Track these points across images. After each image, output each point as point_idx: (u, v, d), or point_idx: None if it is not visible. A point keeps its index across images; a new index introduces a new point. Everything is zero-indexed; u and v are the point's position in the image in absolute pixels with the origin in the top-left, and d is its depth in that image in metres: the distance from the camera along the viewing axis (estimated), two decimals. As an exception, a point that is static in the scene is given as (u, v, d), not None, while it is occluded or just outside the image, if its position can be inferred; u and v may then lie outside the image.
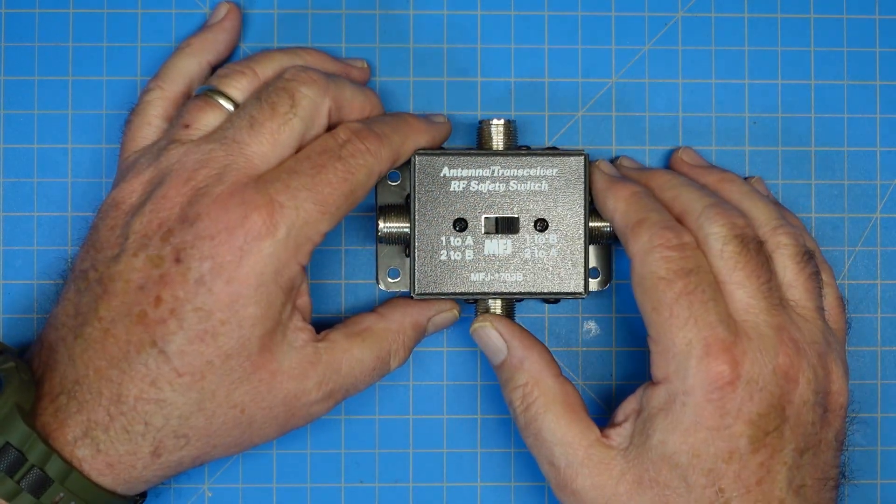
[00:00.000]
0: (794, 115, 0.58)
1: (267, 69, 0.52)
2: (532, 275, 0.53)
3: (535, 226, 0.53)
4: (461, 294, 0.53)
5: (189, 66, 0.54)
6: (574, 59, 0.58)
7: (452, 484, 0.57)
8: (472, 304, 0.56)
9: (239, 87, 0.51)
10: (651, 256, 0.49)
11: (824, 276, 0.53)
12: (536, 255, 0.53)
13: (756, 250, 0.49)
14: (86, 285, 0.49)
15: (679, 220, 0.51)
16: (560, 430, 0.50)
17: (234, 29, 0.56)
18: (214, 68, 0.55)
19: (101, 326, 0.48)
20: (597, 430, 0.50)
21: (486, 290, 0.53)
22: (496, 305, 0.54)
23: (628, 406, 0.51)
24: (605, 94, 0.58)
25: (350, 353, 0.51)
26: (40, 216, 0.57)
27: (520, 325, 0.53)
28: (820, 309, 0.51)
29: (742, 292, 0.49)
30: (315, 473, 0.57)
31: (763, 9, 0.58)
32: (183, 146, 0.50)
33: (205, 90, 0.51)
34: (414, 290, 0.53)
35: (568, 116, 0.58)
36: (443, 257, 0.53)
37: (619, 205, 0.51)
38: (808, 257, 0.51)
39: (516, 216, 0.53)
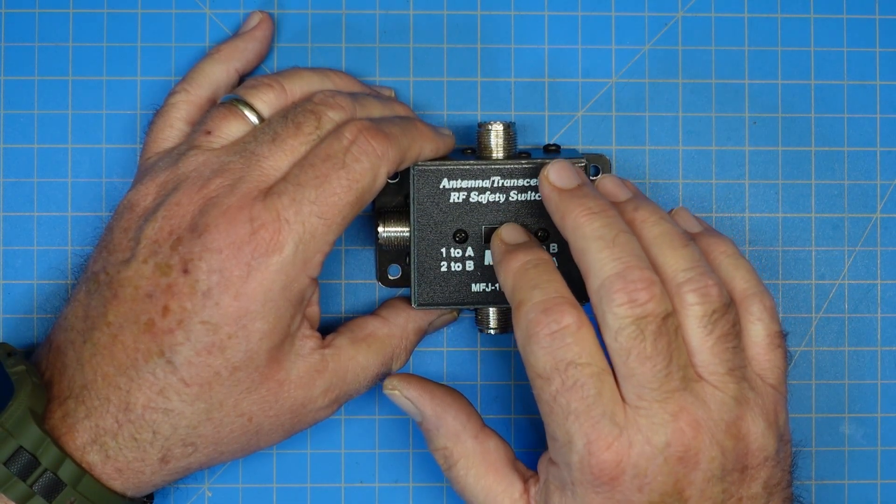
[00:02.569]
0: (794, 115, 0.58)
1: (295, 86, 0.52)
2: None
3: (535, 236, 0.52)
4: (462, 304, 0.53)
5: (217, 72, 0.54)
6: (574, 59, 0.58)
7: (452, 484, 0.57)
8: (471, 309, 0.56)
9: (265, 99, 0.51)
10: (528, 347, 0.46)
11: (755, 307, 0.49)
12: None
13: (656, 332, 0.45)
14: (96, 287, 0.49)
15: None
16: (482, 490, 0.50)
17: (265, 38, 0.56)
18: (242, 77, 0.55)
19: (110, 332, 0.48)
20: (520, 486, 0.50)
21: (486, 300, 0.53)
22: (495, 314, 0.54)
23: (545, 458, 0.49)
24: (605, 94, 0.58)
25: (355, 360, 0.51)
26: (40, 216, 0.57)
27: (432, 384, 0.52)
28: (734, 370, 0.47)
29: (635, 380, 0.45)
30: (315, 473, 0.57)
31: (763, 9, 0.58)
32: (202, 154, 0.50)
33: (231, 99, 0.51)
34: (415, 301, 0.53)
35: (568, 116, 0.58)
36: (443, 268, 0.53)
37: (508, 280, 0.48)
38: (720, 314, 0.47)
39: None
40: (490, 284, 0.53)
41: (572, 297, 0.47)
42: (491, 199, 0.52)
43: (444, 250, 0.53)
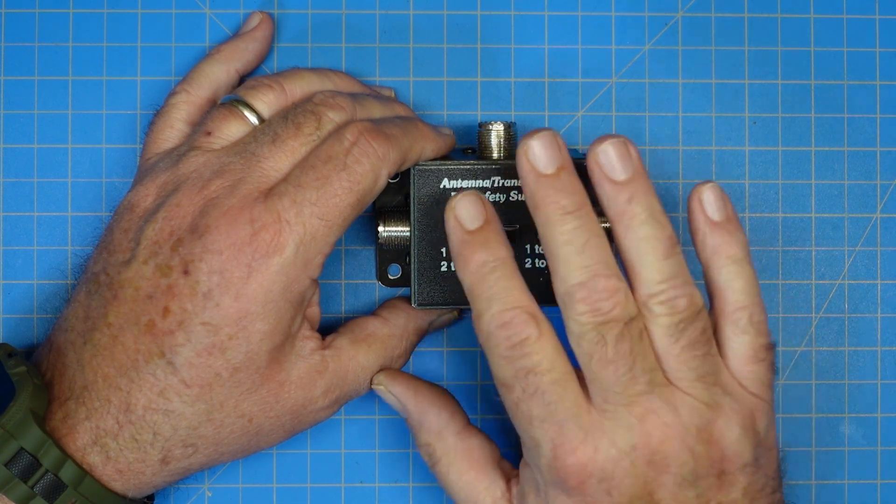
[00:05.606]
0: (794, 116, 0.58)
1: (295, 87, 0.52)
2: (533, 285, 0.53)
3: (536, 236, 0.52)
4: (462, 304, 0.53)
5: (217, 73, 0.54)
6: (574, 59, 0.58)
7: (452, 484, 0.57)
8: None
9: (266, 100, 0.51)
10: (489, 358, 0.46)
11: (742, 321, 0.48)
12: (537, 266, 0.53)
13: (617, 337, 0.45)
14: (96, 288, 0.49)
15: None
16: (465, 487, 0.51)
17: (266, 39, 0.56)
18: (242, 77, 0.55)
19: (110, 333, 0.48)
20: (503, 484, 0.50)
21: None
22: None
23: (523, 459, 0.49)
24: (605, 94, 0.58)
25: (356, 361, 0.52)
26: (40, 216, 0.57)
27: (418, 381, 0.52)
28: (704, 376, 0.46)
29: (599, 384, 0.46)
30: (315, 473, 0.57)
31: (763, 9, 0.58)
32: (203, 155, 0.50)
33: (231, 100, 0.51)
34: (415, 301, 0.53)
35: (568, 116, 0.58)
36: (443, 269, 0.53)
37: (465, 279, 0.47)
38: (687, 323, 0.46)
39: (517, 227, 0.52)
40: None
41: (532, 305, 0.46)
42: (491, 199, 0.52)
43: (444, 250, 0.53)
